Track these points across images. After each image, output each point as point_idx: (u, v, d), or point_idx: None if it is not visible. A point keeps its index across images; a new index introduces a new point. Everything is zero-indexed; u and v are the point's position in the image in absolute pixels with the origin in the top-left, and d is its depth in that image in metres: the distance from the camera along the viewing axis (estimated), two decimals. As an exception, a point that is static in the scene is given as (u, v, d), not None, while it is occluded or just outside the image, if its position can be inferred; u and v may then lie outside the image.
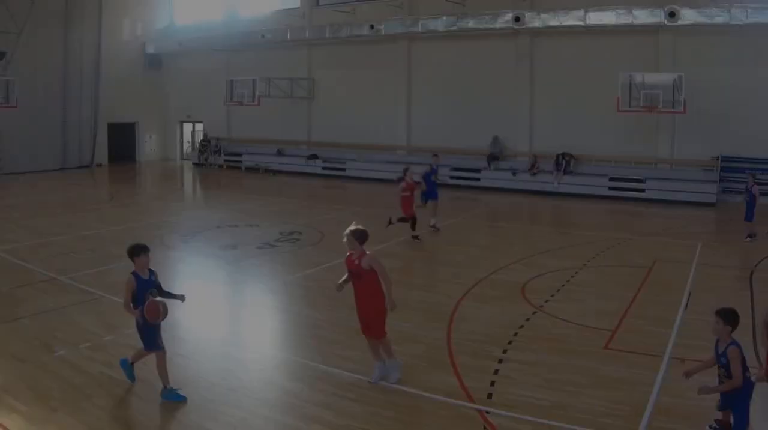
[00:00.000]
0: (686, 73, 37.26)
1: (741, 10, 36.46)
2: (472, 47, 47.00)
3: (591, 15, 40.64)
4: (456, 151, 47.60)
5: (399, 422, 11.74)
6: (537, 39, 45.03)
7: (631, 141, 41.93)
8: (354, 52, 52.06)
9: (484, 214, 38.16)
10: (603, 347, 15.34)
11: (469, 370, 13.89)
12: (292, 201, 41.35)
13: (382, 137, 51.19)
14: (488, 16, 43.79)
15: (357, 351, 14.55)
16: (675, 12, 37.96)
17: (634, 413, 11.87)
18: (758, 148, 38.35)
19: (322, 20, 52.24)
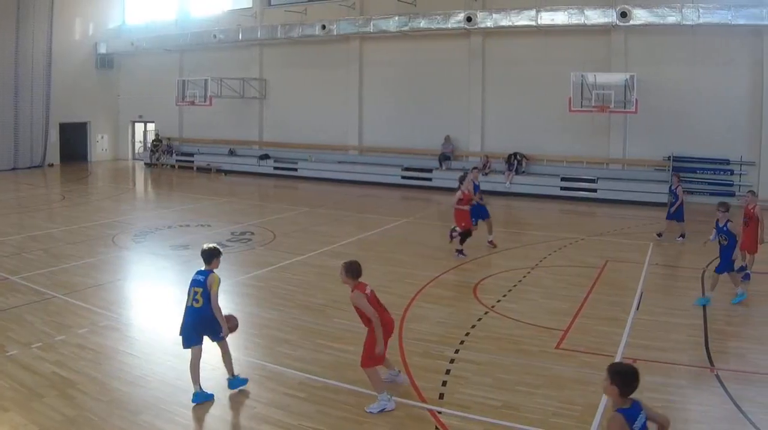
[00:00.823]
0: (638, 73, 37.21)
1: (693, 10, 35.88)
2: (424, 47, 46.34)
3: (543, 15, 40.03)
4: (408, 151, 47.33)
5: (350, 422, 11.65)
6: (489, 39, 44.37)
7: (583, 141, 41.51)
8: (306, 52, 51.19)
9: (436, 214, 37.07)
10: (555, 347, 15.25)
11: (421, 370, 13.77)
12: (243, 201, 40.65)
13: (333, 137, 50.44)
14: (440, 16, 43.05)
15: (307, 351, 14.72)
16: (627, 12, 37.39)
17: (586, 413, 11.84)
18: (709, 149, 38.01)
19: (274, 20, 51.08)
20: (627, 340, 15.56)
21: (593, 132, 41.11)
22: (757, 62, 36.84)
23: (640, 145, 40.11)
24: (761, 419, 11.56)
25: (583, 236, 29.02)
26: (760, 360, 14.41)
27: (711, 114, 37.81)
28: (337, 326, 16.63)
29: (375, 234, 28.41)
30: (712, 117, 37.74)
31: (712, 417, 11.96)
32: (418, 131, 46.69)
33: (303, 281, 20.77)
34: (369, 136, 49.45)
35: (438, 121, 45.74)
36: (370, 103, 49.28)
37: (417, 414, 12.00)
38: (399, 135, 47.40)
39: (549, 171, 42.11)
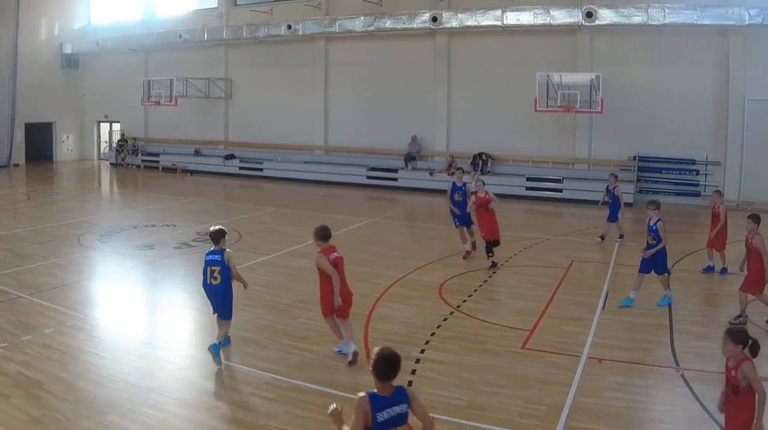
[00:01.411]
0: (604, 73, 36.72)
1: (658, 10, 35.54)
2: (390, 47, 45.62)
3: (508, 15, 39.40)
4: (373, 151, 46.54)
5: (317, 422, 11.44)
6: (454, 39, 43.75)
7: (549, 141, 40.95)
8: (271, 52, 50.23)
9: (402, 214, 37.03)
10: (520, 347, 15.13)
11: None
12: (209, 201, 40.07)
13: (299, 137, 49.62)
14: (405, 16, 42.39)
15: (273, 351, 14.65)
16: (592, 12, 36.91)
17: (552, 412, 11.79)
18: (675, 148, 37.74)
19: (240, 20, 50.09)
20: (592, 340, 15.41)
21: (559, 132, 40.59)
22: (723, 62, 36.52)
23: (606, 145, 39.72)
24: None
25: (548, 236, 28.69)
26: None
27: (677, 114, 37.43)
28: (302, 326, 16.47)
29: (340, 234, 26.36)
30: (677, 117, 37.36)
31: (678, 417, 11.89)
32: (383, 131, 46.04)
33: (268, 281, 20.41)
34: (335, 136, 48.76)
35: (404, 121, 45.06)
36: (335, 103, 48.46)
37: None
38: (365, 135, 46.74)
39: (514, 171, 41.46)
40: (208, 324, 15.67)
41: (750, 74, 36.04)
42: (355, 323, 15.71)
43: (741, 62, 36.12)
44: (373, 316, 17.33)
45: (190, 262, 22.64)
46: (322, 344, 14.88)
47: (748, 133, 36.35)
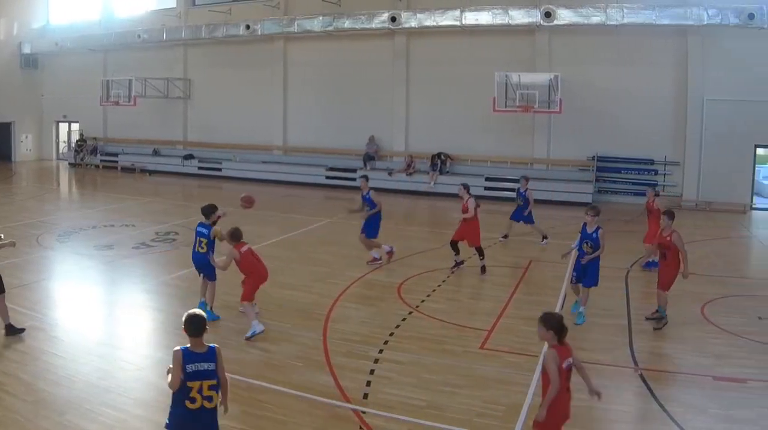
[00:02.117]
0: (562, 73, 36.33)
1: (617, 10, 34.99)
2: (349, 47, 44.60)
3: (467, 15, 38.62)
4: (332, 151, 45.54)
5: (275, 422, 11.32)
6: (413, 39, 42.81)
7: (507, 141, 40.36)
8: (230, 52, 48.85)
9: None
10: (479, 347, 14.92)
11: (345, 370, 13.48)
12: (168, 201, 38.91)
13: (258, 137, 48.63)
14: (364, 16, 41.36)
15: (231, 351, 13.87)
16: (551, 12, 36.25)
17: (510, 412, 11.64)
18: (633, 149, 37.42)
19: (199, 20, 48.81)
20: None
21: (517, 132, 39.97)
22: (681, 62, 36.22)
23: (565, 145, 39.16)
24: (685, 418, 11.42)
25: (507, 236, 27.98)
26: (684, 360, 14.28)
27: (635, 114, 37.04)
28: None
29: (299, 234, 27.46)
30: (636, 117, 37.00)
31: (636, 417, 11.96)
32: (342, 131, 45.20)
33: (226, 281, 19.01)
34: (293, 136, 47.83)
35: (362, 121, 44.33)
36: (294, 103, 47.51)
37: (341, 414, 11.71)
38: (323, 135, 45.91)
39: (473, 171, 40.47)
40: (167, 324, 15.79)
41: (708, 74, 35.67)
42: (314, 324, 16.02)
43: (699, 62, 35.79)
44: (331, 316, 16.96)
45: (149, 262, 22.59)
46: (280, 344, 14.73)
47: (706, 133, 36.01)
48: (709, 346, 15.06)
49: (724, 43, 35.14)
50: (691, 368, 13.85)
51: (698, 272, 19.71)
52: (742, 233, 31.29)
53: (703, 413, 11.75)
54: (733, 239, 29.66)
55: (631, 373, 13.58)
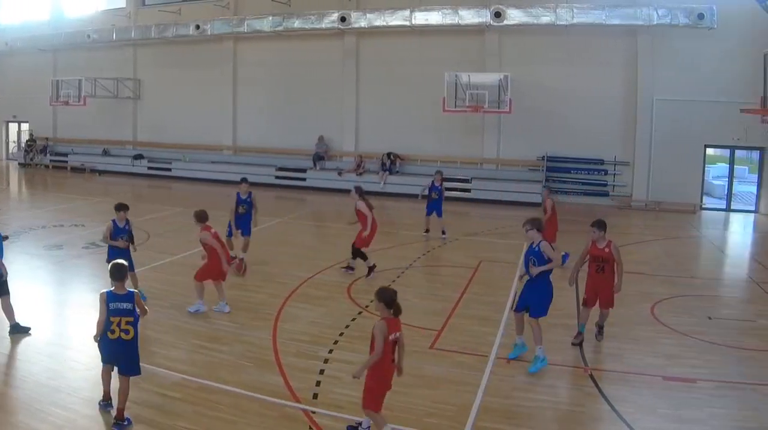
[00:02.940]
0: (512, 73, 35.48)
1: (567, 10, 34.18)
2: (299, 47, 43.20)
3: (417, 15, 37.47)
4: (282, 151, 44.21)
5: (225, 422, 11.04)
6: (363, 39, 41.65)
7: (457, 141, 39.53)
8: (180, 52, 47.26)
9: (310, 214, 35.54)
10: (429, 347, 14.59)
11: (295, 370, 13.19)
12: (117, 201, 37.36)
13: (208, 137, 47.02)
14: (314, 16, 39.95)
15: (182, 351, 14.04)
16: (501, 12, 35.19)
17: (460, 412, 11.41)
18: (583, 149, 36.70)
19: (148, 20, 47.15)
20: (501, 340, 14.86)
21: (467, 132, 39.09)
22: (631, 62, 35.63)
23: (515, 145, 38.31)
24: (635, 418, 11.24)
25: (457, 236, 27.52)
26: (635, 360, 13.96)
27: (585, 114, 36.40)
28: (211, 326, 15.75)
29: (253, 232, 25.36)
30: (586, 117, 36.34)
31: (586, 417, 11.61)
32: (292, 131, 44.00)
33: (177, 282, 19.17)
34: (243, 136, 46.50)
35: (312, 121, 43.16)
36: (244, 103, 46.25)
37: (290, 414, 11.42)
38: (273, 135, 44.68)
39: (423, 171, 38.60)
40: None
41: (658, 74, 35.11)
42: (263, 324, 15.73)
43: (649, 62, 35.22)
44: (281, 316, 16.51)
45: (99, 261, 20.88)
46: (231, 344, 14.38)
47: (656, 133, 35.43)
48: (659, 346, 14.83)
49: (673, 43, 34.62)
50: (641, 368, 13.54)
51: (648, 272, 19.95)
52: (692, 232, 30.76)
53: (653, 414, 11.54)
54: (683, 239, 29.03)
55: (580, 373, 13.23)
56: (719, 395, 12.25)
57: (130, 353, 11.06)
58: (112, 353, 11.00)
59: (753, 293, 20.08)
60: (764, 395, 12.31)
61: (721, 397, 12.21)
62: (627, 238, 27.40)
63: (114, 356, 11.54)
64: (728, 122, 33.27)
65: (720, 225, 33.57)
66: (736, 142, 34.41)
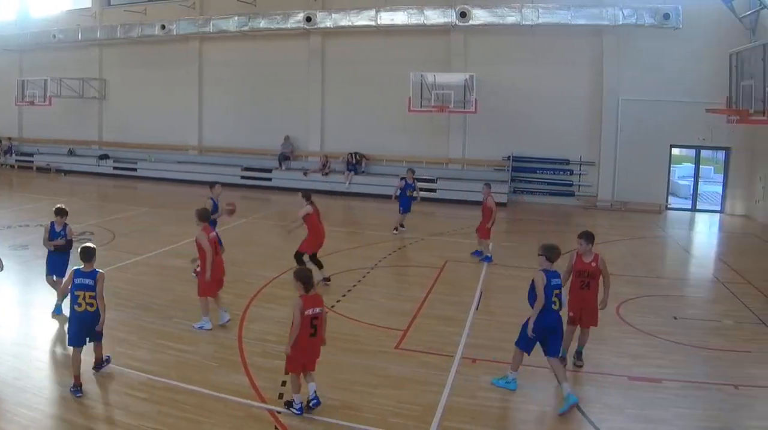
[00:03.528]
0: (478, 73, 34.66)
1: (532, 11, 33.86)
2: (264, 47, 42.32)
3: (382, 15, 36.88)
4: (247, 151, 43.32)
5: (190, 422, 10.86)
6: (329, 39, 40.70)
7: (423, 141, 38.74)
8: (146, 52, 46.20)
9: (276, 214, 34.17)
10: (394, 347, 14.44)
11: (261, 370, 13.00)
12: (83, 201, 36.23)
13: (173, 137, 45.92)
14: (280, 16, 39.20)
15: (147, 351, 13.82)
16: (466, 12, 34.81)
17: (425, 412, 11.31)
18: (549, 149, 36.21)
19: (114, 20, 46.06)
20: (466, 340, 14.79)
21: (433, 132, 38.35)
22: (597, 62, 35.18)
23: (480, 145, 37.67)
24: (600, 418, 11.20)
25: (422, 235, 27.13)
26: (601, 360, 13.80)
27: (551, 114, 35.87)
28: (177, 326, 15.41)
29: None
30: (552, 117, 35.82)
31: (552, 417, 11.45)
32: (257, 131, 43.14)
33: (142, 281, 19.12)
34: (209, 136, 45.40)
35: (278, 121, 42.20)
36: (210, 104, 45.03)
37: (256, 414, 11.24)
38: (239, 135, 43.76)
39: (388, 171, 38.60)
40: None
41: (624, 74, 34.72)
42: (229, 324, 15.41)
43: (615, 62, 34.80)
44: (246, 316, 16.28)
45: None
46: (197, 345, 14.14)
47: (622, 133, 35.02)
48: (624, 346, 14.73)
49: (639, 43, 34.20)
50: (607, 368, 13.45)
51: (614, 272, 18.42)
52: (658, 233, 30.33)
53: (620, 414, 11.47)
54: (649, 239, 28.64)
55: (547, 373, 12.61)
56: (685, 395, 12.18)
57: (95, 323, 12.01)
58: (82, 325, 11.96)
59: (718, 293, 19.89)
60: (729, 395, 12.20)
61: (686, 397, 12.12)
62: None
63: (84, 329, 12.18)
64: (694, 122, 32.83)
65: (685, 225, 33.06)
66: (701, 142, 34.01)
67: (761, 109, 24.57)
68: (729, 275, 21.70)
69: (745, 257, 24.99)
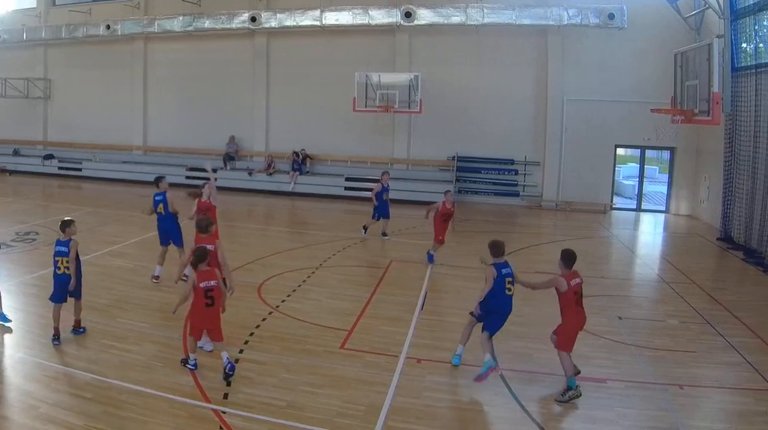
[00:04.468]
0: (423, 73, 33.93)
1: (477, 11, 32.82)
2: (209, 47, 40.85)
3: (327, 15, 35.57)
4: (192, 151, 41.56)
5: (136, 422, 10.70)
6: (274, 39, 39.37)
7: (368, 141, 37.66)
8: (91, 52, 44.48)
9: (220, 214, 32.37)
10: (339, 347, 14.35)
11: (205, 370, 12.75)
12: (28, 201, 35.28)
13: (118, 137, 44.17)
14: (224, 16, 37.67)
15: (93, 351, 13.54)
16: (411, 12, 33.61)
17: (370, 412, 11.26)
18: (494, 149, 35.40)
19: (59, 20, 44.20)
20: (411, 340, 14.74)
21: (378, 132, 37.18)
22: (542, 62, 34.34)
23: (425, 145, 36.73)
24: (545, 418, 11.21)
25: (368, 236, 26.51)
26: (545, 360, 13.60)
27: (496, 114, 35.08)
28: (121, 326, 15.23)
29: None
30: (497, 117, 35.03)
31: (496, 417, 11.52)
32: (203, 131, 41.47)
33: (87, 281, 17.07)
34: (154, 136, 43.59)
35: (223, 121, 40.80)
36: (154, 103, 43.27)
37: (201, 414, 11.06)
38: (184, 135, 42.02)
39: (333, 171, 38.08)
40: (27, 323, 14.98)
41: (569, 74, 34.00)
42: (174, 324, 15.00)
43: (560, 62, 34.05)
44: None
45: (9, 262, 20.75)
46: (141, 344, 13.93)
47: (566, 133, 34.20)
48: None
49: (584, 43, 33.46)
50: (551, 368, 13.05)
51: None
52: (602, 232, 29.60)
53: (563, 413, 11.48)
54: (593, 239, 27.87)
55: (491, 373, 12.50)
56: (629, 395, 12.18)
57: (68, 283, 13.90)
58: (62, 285, 13.83)
59: (663, 292, 19.72)
60: (674, 395, 12.18)
61: (630, 397, 12.12)
62: (538, 238, 27.35)
63: (64, 288, 13.86)
64: (639, 122, 31.98)
65: (630, 225, 32.41)
66: (646, 142, 33.08)
67: (706, 109, 24.41)
68: (674, 275, 21.50)
69: (689, 257, 24.63)
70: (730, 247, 26.05)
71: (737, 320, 16.68)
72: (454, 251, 23.90)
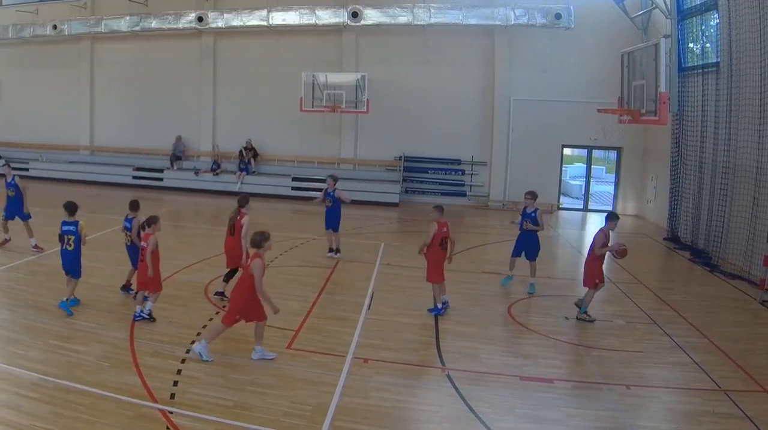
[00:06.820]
0: (370, 73, 33.15)
1: (424, 11, 32.18)
2: (156, 47, 39.06)
3: (274, 15, 34.47)
4: (139, 151, 39.96)
5: (82, 422, 10.23)
6: (221, 39, 37.69)
7: (315, 141, 36.35)
8: (38, 52, 42.59)
9: (167, 214, 31.10)
10: (286, 347, 13.88)
11: (152, 370, 12.33)
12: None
13: (65, 137, 42.39)
14: (171, 16, 36.16)
15: (39, 351, 13.02)
16: (358, 12, 32.87)
17: (317, 412, 10.93)
18: (441, 149, 34.56)
19: (5, 20, 42.06)
20: (358, 340, 14.41)
21: (325, 132, 35.82)
22: (489, 62, 33.40)
23: (372, 145, 35.66)
24: (492, 418, 10.88)
25: (314, 235, 25.72)
26: (491, 360, 13.52)
27: (443, 114, 34.17)
28: (68, 326, 14.57)
29: (106, 234, 24.36)
30: (444, 117, 34.13)
31: (443, 417, 11.10)
32: (149, 131, 39.59)
33: (33, 281, 18.16)
34: (100, 136, 41.53)
35: (170, 121, 38.87)
36: (101, 103, 41.22)
37: (148, 414, 10.62)
38: (130, 135, 39.97)
39: (280, 171, 36.75)
40: None
41: (515, 74, 33.13)
42: (121, 324, 14.67)
43: (507, 62, 33.16)
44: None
45: None
46: (88, 344, 13.30)
47: (513, 133, 33.36)
48: (516, 346, 14.60)
49: (531, 43, 32.66)
50: (498, 368, 13.15)
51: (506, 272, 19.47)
52: (549, 232, 27.52)
53: (510, 413, 11.18)
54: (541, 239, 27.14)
55: (438, 373, 12.80)
56: (576, 395, 12.00)
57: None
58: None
59: (610, 293, 18.97)
60: (621, 395, 11.98)
61: (578, 397, 11.93)
62: (484, 238, 26.64)
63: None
64: (586, 122, 30.90)
65: (577, 225, 31.88)
66: (593, 142, 31.84)
67: (653, 109, 24.10)
68: (621, 275, 20.95)
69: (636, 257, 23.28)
70: (677, 247, 25.70)
71: (684, 320, 16.46)
72: (399, 251, 23.53)
